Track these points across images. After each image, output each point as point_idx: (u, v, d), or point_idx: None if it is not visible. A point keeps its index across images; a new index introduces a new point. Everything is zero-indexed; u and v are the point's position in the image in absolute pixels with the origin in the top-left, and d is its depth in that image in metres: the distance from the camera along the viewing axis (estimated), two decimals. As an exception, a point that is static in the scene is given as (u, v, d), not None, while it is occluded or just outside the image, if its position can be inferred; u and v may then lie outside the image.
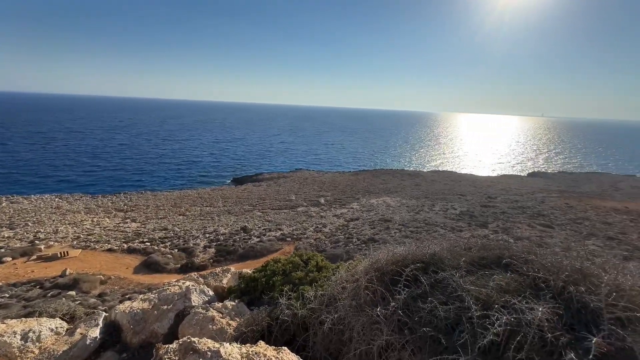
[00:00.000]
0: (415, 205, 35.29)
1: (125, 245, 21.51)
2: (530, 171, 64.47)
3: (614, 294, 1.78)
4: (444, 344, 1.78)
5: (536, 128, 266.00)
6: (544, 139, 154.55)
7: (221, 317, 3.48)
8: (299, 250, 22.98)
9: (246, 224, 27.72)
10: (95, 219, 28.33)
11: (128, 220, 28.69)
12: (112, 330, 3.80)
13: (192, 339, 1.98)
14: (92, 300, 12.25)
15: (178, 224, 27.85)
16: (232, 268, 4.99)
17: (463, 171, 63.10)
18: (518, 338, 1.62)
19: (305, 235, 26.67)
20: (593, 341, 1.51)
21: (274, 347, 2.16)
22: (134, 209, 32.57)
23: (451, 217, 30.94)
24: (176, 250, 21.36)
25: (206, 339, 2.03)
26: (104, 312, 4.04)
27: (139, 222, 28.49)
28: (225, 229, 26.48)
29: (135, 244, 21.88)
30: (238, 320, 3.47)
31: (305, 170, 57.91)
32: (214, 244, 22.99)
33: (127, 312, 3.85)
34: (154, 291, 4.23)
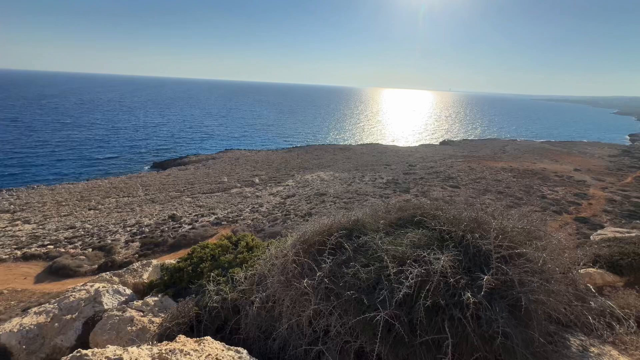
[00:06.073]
0: (347, 177, 37.09)
1: (19, 252, 17.86)
2: (441, 140, 73.04)
3: (500, 236, 2.11)
4: (366, 303, 1.88)
5: (445, 102, 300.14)
6: (451, 111, 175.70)
7: (142, 316, 3.13)
8: (237, 232, 22.40)
9: (175, 212, 25.57)
10: (-34, 226, 22.62)
11: (18, 222, 23.66)
12: (-3, 356, 3.11)
13: (83, 351, 1.69)
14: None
15: (89, 220, 24.14)
16: (154, 261, 4.51)
17: (388, 143, 68.14)
18: (427, 287, 1.80)
19: (242, 217, 25.93)
20: (484, 279, 1.78)
21: (196, 339, 2.02)
22: (24, 208, 26.90)
23: (379, 186, 33.57)
24: (90, 249, 18.62)
25: (105, 348, 1.76)
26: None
27: (35, 222, 23.79)
28: (150, 219, 24.00)
29: (33, 249, 18.35)
30: (163, 315, 3.17)
31: (237, 149, 55.22)
32: (138, 237, 20.77)
33: (17, 330, 3.18)
34: (53, 301, 3.58)
